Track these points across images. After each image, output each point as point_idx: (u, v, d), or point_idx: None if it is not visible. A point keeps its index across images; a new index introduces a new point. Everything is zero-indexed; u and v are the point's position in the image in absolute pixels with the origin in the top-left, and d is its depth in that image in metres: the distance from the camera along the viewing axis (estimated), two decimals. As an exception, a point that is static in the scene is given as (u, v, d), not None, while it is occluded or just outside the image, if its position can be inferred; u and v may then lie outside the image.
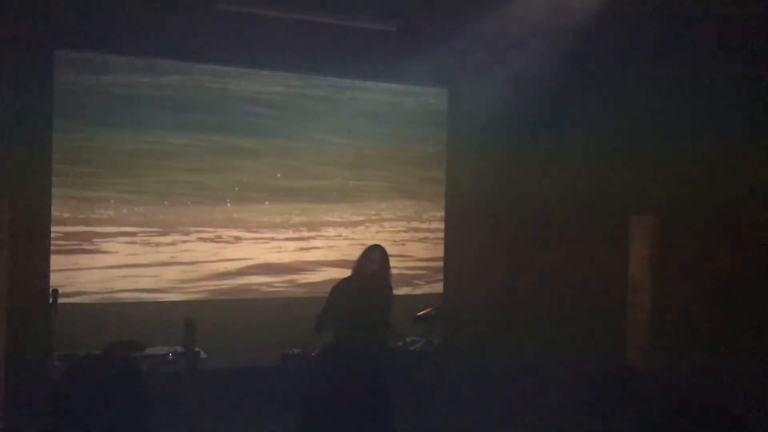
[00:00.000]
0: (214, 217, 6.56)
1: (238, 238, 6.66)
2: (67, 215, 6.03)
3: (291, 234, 6.86)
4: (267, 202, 6.77)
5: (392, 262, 5.44)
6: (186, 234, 6.46)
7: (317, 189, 6.95)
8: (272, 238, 6.78)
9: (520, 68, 6.42)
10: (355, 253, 5.55)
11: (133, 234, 6.29)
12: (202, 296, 6.49)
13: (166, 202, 6.40)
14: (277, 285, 6.80)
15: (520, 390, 5.81)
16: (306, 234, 6.92)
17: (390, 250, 5.46)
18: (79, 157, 6.05)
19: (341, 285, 5.35)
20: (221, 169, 6.58)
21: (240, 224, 6.67)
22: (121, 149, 6.18)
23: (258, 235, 6.74)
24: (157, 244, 6.36)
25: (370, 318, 5.16)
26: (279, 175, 6.80)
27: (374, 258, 5.27)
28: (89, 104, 6.06)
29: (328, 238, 6.98)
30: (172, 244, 6.42)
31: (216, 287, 6.57)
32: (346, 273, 5.47)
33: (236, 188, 6.65)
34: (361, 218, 7.14)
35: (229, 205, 6.62)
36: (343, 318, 5.15)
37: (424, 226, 7.43)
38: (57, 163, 5.95)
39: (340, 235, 7.03)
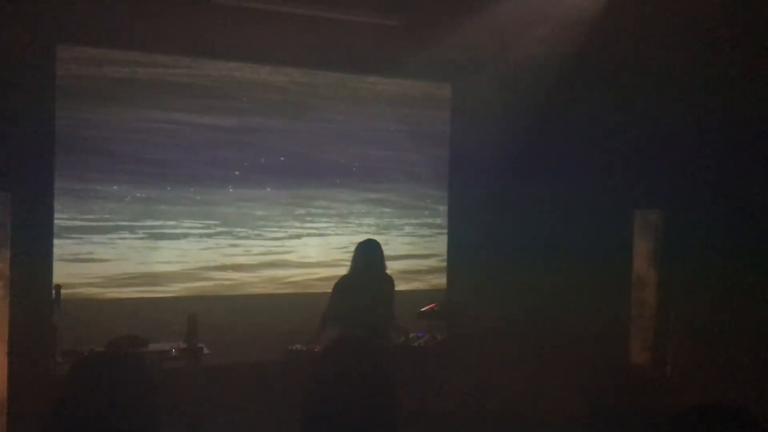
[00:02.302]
0: (216, 207, 6.51)
1: (238, 234, 6.64)
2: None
3: (291, 230, 6.84)
4: (269, 188, 6.71)
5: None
6: (189, 229, 6.45)
7: (319, 173, 6.90)
8: (273, 233, 6.76)
9: (523, 62, 6.40)
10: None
11: (137, 228, 6.28)
12: (204, 292, 6.48)
13: (168, 188, 6.36)
14: (278, 280, 6.79)
15: (523, 386, 5.80)
16: (306, 225, 6.88)
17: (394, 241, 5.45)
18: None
19: (342, 281, 5.39)
20: (223, 152, 6.52)
21: (242, 217, 6.62)
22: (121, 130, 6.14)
23: (259, 231, 6.72)
24: (161, 237, 6.35)
25: (373, 311, 5.19)
26: (282, 158, 6.75)
27: (368, 252, 5.33)
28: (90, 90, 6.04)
29: (327, 233, 6.96)
30: (176, 238, 6.41)
31: (219, 282, 6.56)
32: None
33: (237, 172, 6.60)
34: (363, 208, 7.09)
35: (231, 190, 6.57)
36: (348, 313, 5.18)
37: (428, 220, 7.42)
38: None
39: (339, 229, 7.02)
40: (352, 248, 5.50)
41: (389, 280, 5.42)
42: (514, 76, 6.65)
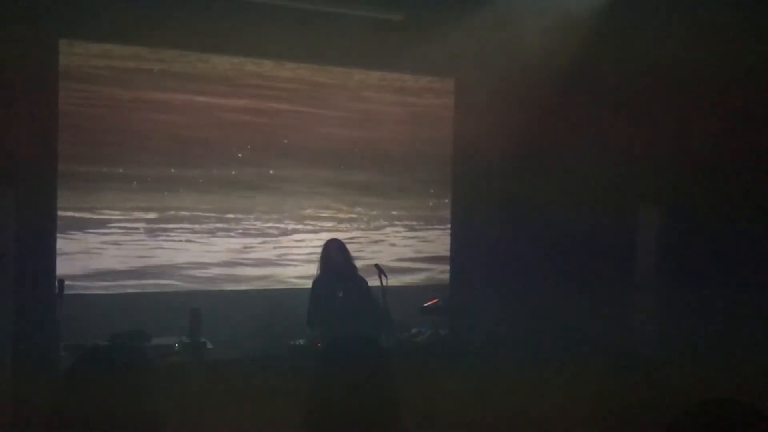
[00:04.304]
0: (219, 195, 6.49)
1: (240, 226, 6.63)
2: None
3: (292, 224, 6.83)
4: (272, 171, 6.70)
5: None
6: (192, 224, 6.45)
7: (322, 156, 6.87)
8: (275, 225, 6.75)
9: (527, 58, 6.38)
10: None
11: (142, 220, 6.28)
12: (208, 287, 6.48)
13: (172, 170, 6.35)
14: (283, 275, 6.78)
15: (527, 382, 5.79)
16: (309, 215, 6.87)
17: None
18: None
19: (318, 281, 5.53)
20: (226, 134, 6.50)
21: (244, 206, 6.60)
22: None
23: (261, 222, 6.70)
24: (163, 231, 6.35)
25: (354, 307, 5.32)
26: (286, 141, 6.74)
27: (334, 252, 5.53)
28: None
29: (329, 225, 6.95)
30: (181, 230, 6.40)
31: (222, 277, 6.55)
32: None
33: (240, 155, 6.58)
34: (365, 198, 7.07)
35: (233, 173, 6.55)
36: (331, 310, 5.30)
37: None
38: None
39: (342, 223, 7.01)
40: (356, 240, 5.57)
41: (358, 276, 5.54)
42: (518, 72, 6.63)
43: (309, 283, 5.86)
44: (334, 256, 5.56)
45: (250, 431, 5.12)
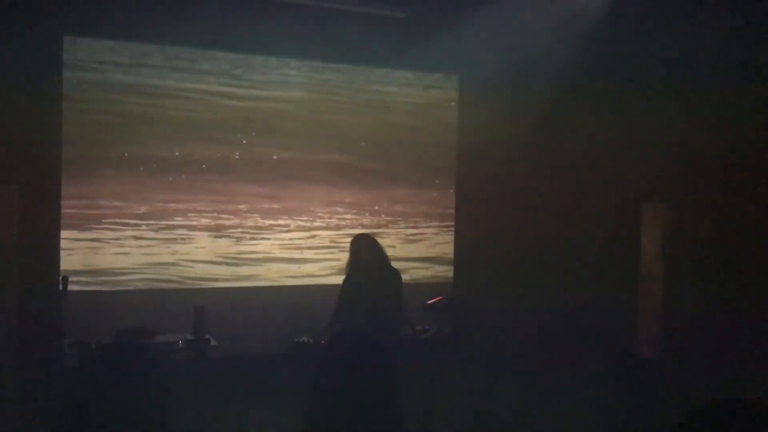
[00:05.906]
0: (222, 184, 6.49)
1: (244, 222, 6.63)
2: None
3: (297, 220, 6.83)
4: (275, 156, 6.69)
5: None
6: (199, 218, 6.45)
7: (326, 143, 6.87)
8: (282, 223, 6.75)
9: (531, 54, 6.37)
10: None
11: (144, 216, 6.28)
12: (212, 284, 6.48)
13: (176, 153, 6.35)
14: (287, 272, 6.78)
15: (529, 380, 5.79)
16: (314, 210, 6.87)
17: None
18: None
19: (350, 278, 5.34)
20: (231, 119, 6.52)
21: (247, 199, 6.61)
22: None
23: (267, 221, 6.70)
24: (166, 227, 6.35)
25: (383, 306, 5.15)
26: (290, 129, 6.75)
27: (366, 246, 5.23)
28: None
29: (332, 220, 6.94)
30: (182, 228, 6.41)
31: (225, 274, 6.55)
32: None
33: (244, 141, 6.58)
34: (366, 190, 7.07)
35: (237, 156, 6.55)
36: (358, 310, 5.15)
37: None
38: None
39: (344, 219, 7.00)
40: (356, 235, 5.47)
41: (396, 274, 5.35)
42: (521, 68, 6.62)
43: (314, 280, 5.85)
44: (363, 251, 5.23)
45: (253, 428, 5.13)
